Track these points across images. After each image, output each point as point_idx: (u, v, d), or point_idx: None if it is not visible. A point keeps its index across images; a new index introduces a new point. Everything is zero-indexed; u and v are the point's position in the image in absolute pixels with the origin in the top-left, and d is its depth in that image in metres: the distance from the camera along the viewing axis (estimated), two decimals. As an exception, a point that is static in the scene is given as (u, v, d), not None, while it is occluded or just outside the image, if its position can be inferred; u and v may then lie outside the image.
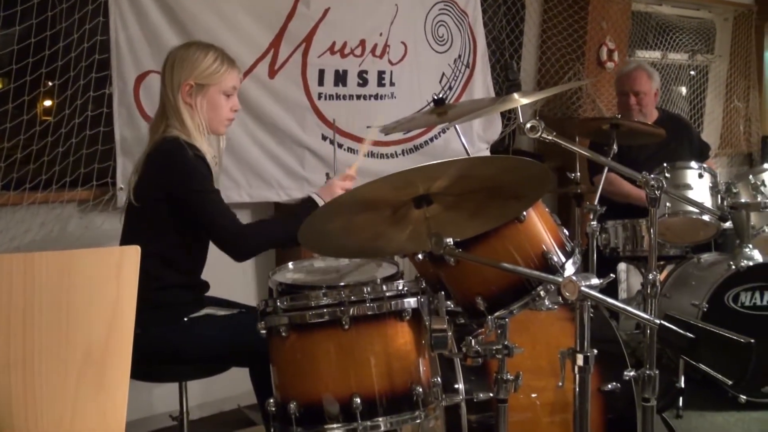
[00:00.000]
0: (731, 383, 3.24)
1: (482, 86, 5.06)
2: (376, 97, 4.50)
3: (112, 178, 3.66)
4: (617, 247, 4.22)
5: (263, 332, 2.27)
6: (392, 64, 4.54)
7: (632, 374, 2.42)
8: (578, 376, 1.83)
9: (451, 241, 1.89)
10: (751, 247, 3.94)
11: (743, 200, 3.92)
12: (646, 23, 6.40)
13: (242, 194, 4.07)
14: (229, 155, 3.98)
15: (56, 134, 3.54)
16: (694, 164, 4.01)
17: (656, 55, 6.52)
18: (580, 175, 4.09)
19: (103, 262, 1.57)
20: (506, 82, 2.28)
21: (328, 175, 3.45)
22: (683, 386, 3.65)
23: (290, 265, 3.06)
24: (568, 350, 1.87)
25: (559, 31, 5.65)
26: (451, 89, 4.90)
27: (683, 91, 6.88)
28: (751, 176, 4.04)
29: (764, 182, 4.01)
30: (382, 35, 4.46)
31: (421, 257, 2.33)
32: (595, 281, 1.73)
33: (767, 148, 7.09)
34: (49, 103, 3.70)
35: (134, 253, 1.58)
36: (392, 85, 4.55)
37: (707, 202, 3.91)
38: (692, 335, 1.48)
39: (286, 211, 4.17)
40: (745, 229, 3.95)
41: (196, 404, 3.82)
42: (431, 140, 4.81)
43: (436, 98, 2.84)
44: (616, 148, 3.72)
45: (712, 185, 3.97)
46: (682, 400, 3.78)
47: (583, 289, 1.64)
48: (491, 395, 2.30)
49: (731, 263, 3.91)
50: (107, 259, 1.57)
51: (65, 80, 3.54)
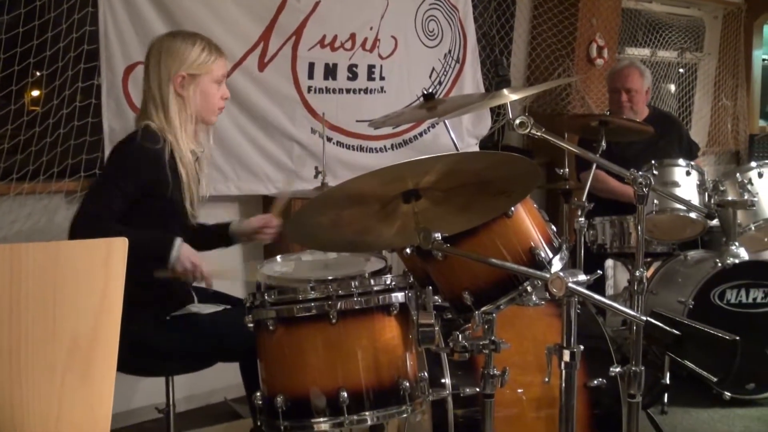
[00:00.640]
0: (716, 380, 3.25)
1: (472, 81, 5.06)
2: (365, 91, 4.50)
3: (100, 169, 3.65)
4: (605, 243, 4.23)
5: (251, 326, 2.27)
6: (382, 58, 4.54)
7: (618, 370, 2.42)
8: (564, 371, 1.83)
9: (439, 236, 1.89)
10: (737, 244, 3.96)
11: (730, 198, 3.94)
12: (635, 20, 6.42)
13: (230, 187, 4.07)
14: (217, 148, 3.96)
15: (44, 124, 3.53)
16: (681, 162, 4.03)
17: (645, 52, 6.54)
18: (568, 171, 4.10)
19: (90, 253, 1.56)
20: (496, 77, 2.28)
21: (317, 168, 3.45)
22: (668, 383, 3.67)
23: (278, 258, 3.06)
24: (554, 346, 1.87)
25: (549, 27, 5.66)
26: (440, 84, 4.90)
27: (672, 88, 6.90)
28: (738, 174, 4.06)
29: (751, 180, 4.02)
30: (372, 29, 4.46)
31: (409, 252, 2.33)
32: (582, 277, 1.73)
33: (754, 146, 7.12)
34: (36, 93, 3.68)
35: (122, 244, 1.57)
36: (382, 79, 4.56)
37: (694, 199, 3.93)
38: (678, 332, 1.49)
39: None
40: (731, 226, 3.96)
41: (182, 397, 3.82)
42: (420, 135, 4.81)
43: (425, 93, 2.85)
44: (604, 144, 3.73)
45: (699, 183, 3.98)
46: (667, 396, 3.80)
47: (570, 285, 1.65)
48: (478, 390, 2.30)
49: (717, 261, 3.92)
50: (95, 250, 1.56)
51: (53, 70, 3.52)
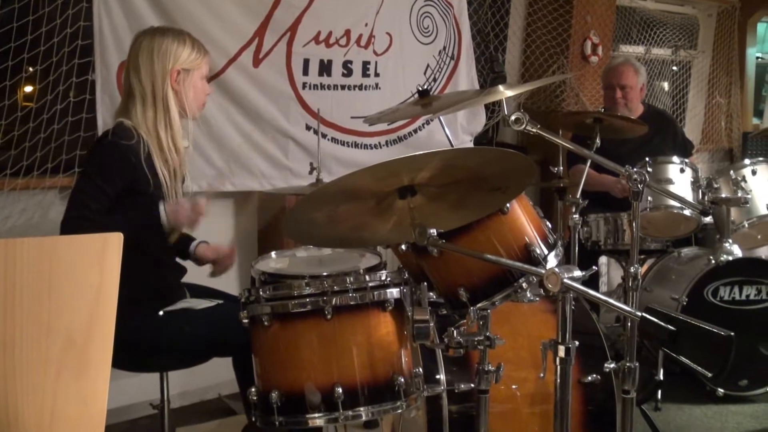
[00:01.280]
0: (711, 376, 3.27)
1: (467, 78, 5.07)
2: (360, 87, 4.50)
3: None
4: (599, 240, 4.23)
5: (245, 321, 2.27)
6: (377, 54, 4.54)
7: (612, 366, 2.43)
8: (559, 367, 1.83)
9: (434, 232, 1.89)
10: (730, 242, 3.97)
11: (724, 195, 3.95)
12: (630, 18, 6.43)
13: (225, 183, 4.06)
14: (212, 143, 3.97)
15: (38, 120, 3.52)
16: (676, 159, 4.03)
17: (639, 50, 6.54)
18: (562, 169, 4.10)
19: (85, 248, 1.55)
20: (491, 73, 2.28)
21: (311, 165, 3.44)
22: (662, 379, 3.68)
23: (273, 254, 3.06)
24: (549, 341, 1.88)
25: (543, 24, 5.66)
26: (435, 81, 4.91)
27: (666, 86, 6.91)
28: (731, 172, 4.06)
29: (745, 178, 4.03)
30: (367, 26, 4.46)
31: (404, 248, 2.33)
32: (577, 273, 1.73)
33: (748, 143, 7.13)
34: (30, 88, 3.68)
35: (117, 240, 1.56)
36: (377, 75, 4.55)
37: (688, 196, 3.93)
38: (673, 328, 1.49)
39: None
40: (725, 224, 3.97)
41: (177, 393, 3.82)
42: (415, 131, 4.81)
43: (420, 89, 2.84)
44: (599, 141, 3.73)
45: (693, 180, 3.99)
46: (661, 392, 3.81)
47: (565, 281, 1.65)
48: (472, 386, 2.31)
49: (711, 258, 3.93)
50: (90, 245, 1.56)
51: (47, 66, 3.51)
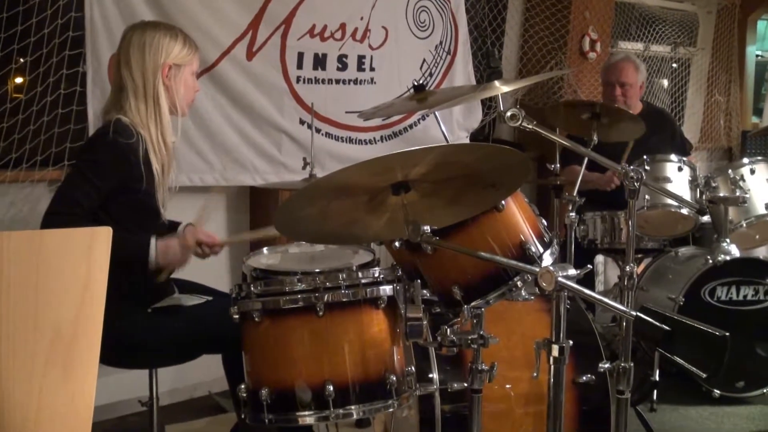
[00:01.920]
0: (706, 376, 3.27)
1: (463, 73, 5.06)
2: (355, 81, 4.49)
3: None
4: (595, 239, 4.24)
5: (236, 317, 2.27)
6: (372, 48, 4.53)
7: (607, 366, 2.43)
8: (553, 367, 1.84)
9: (428, 228, 1.89)
10: (728, 241, 3.97)
11: (722, 194, 3.95)
12: (629, 14, 6.44)
13: (217, 177, 4.06)
14: (204, 138, 3.96)
15: (27, 112, 3.51)
16: (674, 157, 4.04)
17: (638, 46, 6.55)
18: (559, 166, 4.10)
19: (73, 242, 1.55)
20: (487, 69, 2.28)
21: (305, 160, 3.44)
22: (658, 380, 3.68)
23: (265, 250, 3.06)
24: (543, 341, 1.88)
25: (542, 19, 5.66)
26: (431, 76, 4.90)
27: (665, 83, 6.91)
28: (730, 171, 4.07)
29: (743, 177, 4.04)
30: (363, 19, 4.45)
31: (397, 245, 2.33)
32: (572, 272, 1.74)
33: (747, 142, 7.15)
34: (20, 80, 3.66)
35: (106, 234, 1.56)
36: (372, 70, 4.55)
37: (686, 195, 3.94)
38: (668, 327, 1.50)
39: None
40: (723, 223, 3.98)
41: (166, 390, 3.81)
42: (410, 127, 4.81)
43: (416, 84, 2.85)
44: (596, 138, 3.73)
45: (691, 179, 4.00)
46: (656, 393, 3.81)
47: (560, 279, 1.65)
48: (465, 385, 2.30)
49: (708, 257, 3.94)
50: (78, 239, 1.55)
51: (38, 57, 3.50)
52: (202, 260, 2.78)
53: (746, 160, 4.16)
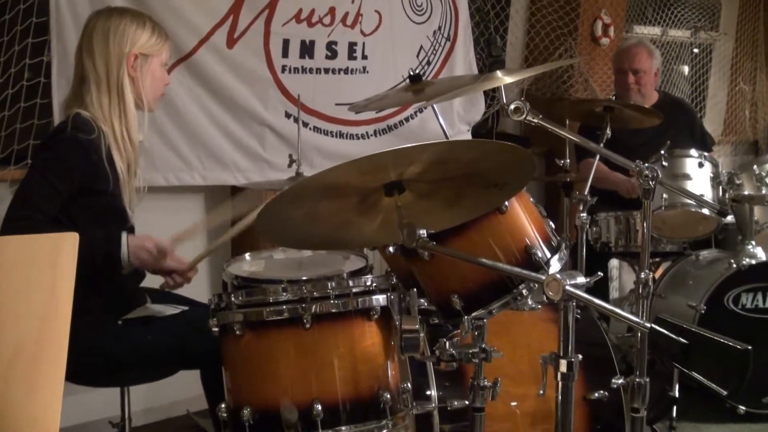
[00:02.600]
0: (726, 393, 3.28)
1: (464, 61, 5.07)
2: (346, 71, 4.50)
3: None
4: (609, 241, 4.24)
5: (215, 330, 2.27)
6: (365, 35, 4.54)
7: (621, 382, 2.44)
8: (561, 384, 1.84)
9: (425, 233, 1.89)
10: (754, 244, 3.97)
11: (747, 193, 3.96)
12: (645, -4, 6.45)
13: (195, 176, 4.06)
14: (180, 132, 3.96)
15: (-13, 105, 3.51)
16: (694, 152, 4.04)
17: (656, 31, 6.55)
18: (569, 162, 4.11)
19: (36, 249, 1.55)
20: (489, 58, 2.29)
21: (291, 157, 3.45)
22: (677, 395, 3.68)
23: (247, 256, 3.07)
24: (550, 355, 1.88)
25: (549, 2, 5.67)
26: (429, 64, 4.91)
27: (685, 70, 6.92)
28: (755, 167, 4.07)
29: (770, 173, 4.04)
30: (354, 3, 4.46)
31: (392, 250, 2.33)
32: (581, 280, 1.74)
33: (774, 135, 7.17)
34: (-22, 70, 3.66)
35: (72, 239, 1.56)
36: (364, 58, 4.55)
37: (707, 194, 3.94)
38: (685, 340, 1.50)
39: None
40: (748, 224, 3.98)
41: (140, 409, 3.81)
42: (406, 120, 4.82)
43: (412, 74, 2.85)
44: (609, 133, 3.74)
45: (713, 176, 4.00)
46: (675, 410, 3.82)
47: (567, 288, 1.65)
48: (467, 403, 2.31)
49: (732, 261, 3.94)
50: (42, 246, 1.56)
51: (-2, 45, 3.50)
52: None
53: (773, 154, 4.18)
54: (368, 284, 2.28)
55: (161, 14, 3.70)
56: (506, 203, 2.19)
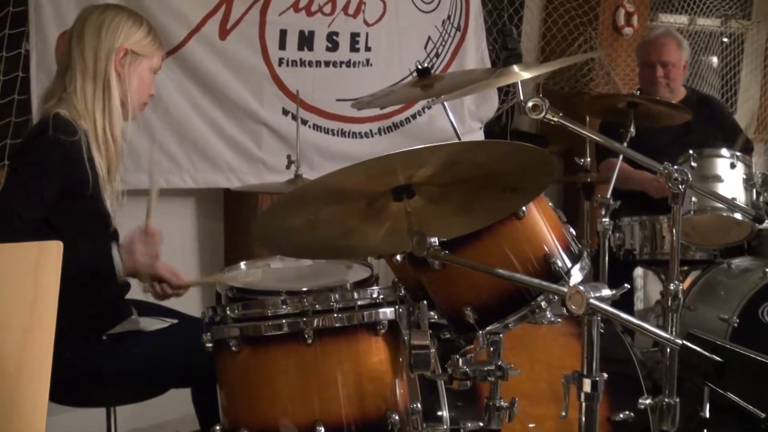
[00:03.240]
0: (764, 416, 3.27)
1: (475, 54, 5.08)
2: (348, 63, 4.50)
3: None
4: (633, 248, 4.24)
5: (209, 346, 2.28)
6: (368, 24, 4.54)
7: (648, 402, 2.43)
8: (585, 404, 1.85)
9: (436, 241, 1.90)
10: (791, 251, 3.98)
11: (783, 196, 3.95)
12: (671, -18, 6.45)
13: (185, 179, 4.06)
14: (169, 131, 3.97)
15: (-40, 102, 3.52)
16: (725, 152, 4.03)
17: (683, 20, 6.55)
18: (590, 161, 4.11)
19: (18, 258, 1.56)
20: (504, 51, 2.29)
21: (289, 157, 3.45)
22: (708, 416, 3.68)
23: (242, 265, 3.07)
24: (573, 374, 1.89)
25: (568, -11, 5.67)
26: (438, 56, 4.91)
27: (714, 61, 6.92)
28: (792, 167, 4.08)
29: (808, 174, 4.04)
30: (356, -10, 4.47)
31: (400, 259, 2.34)
32: (606, 292, 1.74)
33: (812, 133, 7.16)
34: (-49, 64, 3.67)
35: (56, 248, 1.57)
36: (368, 50, 4.56)
37: (740, 197, 3.93)
38: (719, 358, 1.51)
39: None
40: (785, 230, 3.98)
41: (127, 430, 3.81)
42: (413, 117, 4.82)
43: (420, 67, 2.86)
44: (633, 131, 3.74)
45: (746, 177, 3.99)
46: (706, 432, 3.82)
47: (592, 301, 1.66)
48: (481, 425, 2.32)
49: (767, 270, 3.94)
50: (23, 255, 1.57)
51: (-28, 37, 3.51)
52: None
53: (811, 154, 4.17)
54: (374, 296, 2.29)
55: (150, 4, 3.72)
56: (523, 208, 2.19)
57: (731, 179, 3.98)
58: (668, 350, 2.32)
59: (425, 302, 2.21)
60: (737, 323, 3.84)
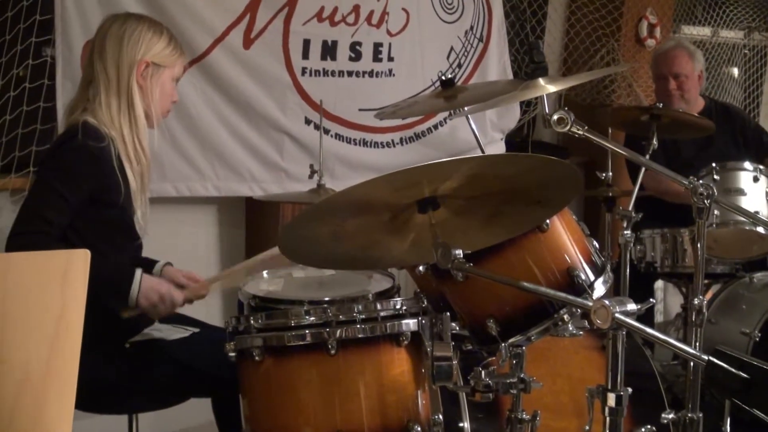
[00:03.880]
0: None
1: (498, 64, 5.08)
2: (370, 74, 4.51)
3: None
4: (654, 261, 4.22)
5: (232, 355, 2.28)
6: (391, 35, 4.55)
7: (671, 417, 2.42)
8: (609, 419, 1.84)
9: (460, 252, 1.89)
10: (815, 266, 3.95)
11: (808, 209, 3.93)
12: (694, -7, 6.43)
13: (208, 187, 4.07)
14: (192, 139, 3.98)
15: (-13, 110, 3.54)
16: (748, 165, 4.01)
17: (706, 31, 6.53)
18: (612, 175, 4.10)
19: (46, 267, 1.57)
20: (531, 64, 2.29)
21: (312, 167, 3.46)
22: (729, 430, 3.66)
23: (264, 273, 3.07)
24: (597, 388, 1.88)
25: (591, 0, 5.65)
26: (460, 67, 4.92)
27: (735, 72, 6.88)
28: (817, 181, 4.04)
29: (833, 188, 4.01)
30: (380, 0, 4.46)
31: (422, 269, 2.34)
32: (631, 306, 1.73)
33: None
34: (-23, 72, 3.70)
35: (83, 257, 1.58)
36: (390, 60, 4.57)
37: (763, 211, 3.91)
38: (746, 375, 1.50)
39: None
40: (808, 244, 3.96)
41: (147, 437, 3.83)
42: (435, 128, 4.82)
43: (443, 78, 2.86)
44: (656, 143, 3.73)
45: (770, 190, 3.98)
46: (728, 447, 3.79)
47: (617, 316, 1.65)
48: (502, 437, 2.31)
49: (790, 285, 3.92)
50: (51, 264, 1.57)
51: (-1, 45, 3.54)
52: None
53: (836, 167, 4.13)
54: (397, 307, 2.29)
55: (174, 13, 3.74)
56: (547, 221, 2.19)
57: (754, 192, 3.96)
58: (691, 365, 2.31)
59: (448, 314, 2.21)
60: (759, 337, 3.82)
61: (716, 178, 3.92)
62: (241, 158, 4.15)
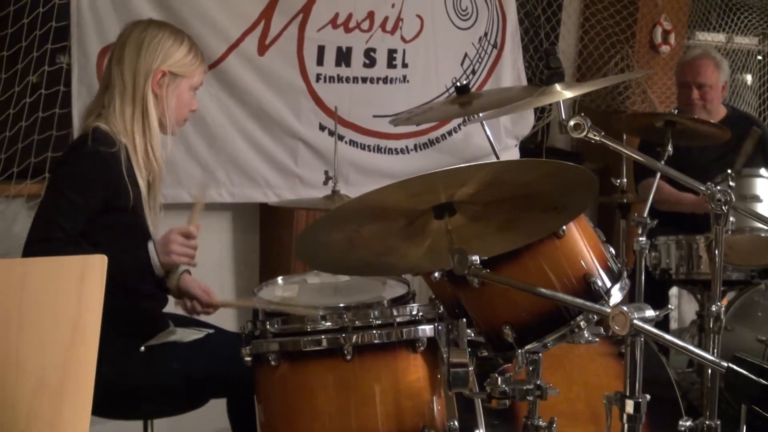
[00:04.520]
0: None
1: (512, 71, 5.06)
2: (385, 80, 4.50)
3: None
4: (669, 268, 4.20)
5: (248, 360, 2.28)
6: (405, 41, 4.54)
7: (689, 424, 2.41)
8: (627, 426, 1.83)
9: (477, 258, 1.89)
10: (831, 273, 3.94)
11: (823, 217, 3.91)
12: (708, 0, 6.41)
13: (222, 193, 4.07)
14: (206, 144, 3.99)
15: (3, 116, 3.54)
16: (764, 172, 4.00)
17: (720, 37, 6.51)
18: (626, 181, 4.09)
19: (62, 273, 1.57)
20: (546, 70, 2.28)
21: (326, 173, 3.46)
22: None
23: (279, 280, 3.07)
24: (615, 395, 1.87)
25: (605, 6, 5.64)
26: (474, 73, 4.91)
27: (748, 79, 6.86)
28: (833, 188, 4.03)
29: None
30: (394, 6, 4.46)
31: (437, 275, 2.33)
32: (649, 313, 1.72)
33: None
34: (-6, 78, 3.70)
35: (100, 262, 1.58)
36: (405, 66, 4.56)
37: (779, 217, 3.90)
38: (766, 382, 1.49)
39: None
40: (824, 251, 3.94)
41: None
42: (449, 134, 4.81)
43: (458, 85, 2.86)
44: (671, 149, 3.71)
45: (786, 197, 3.96)
46: (745, 455, 3.77)
47: (636, 322, 1.64)
48: (518, 444, 2.31)
49: (806, 292, 3.90)
50: (68, 269, 1.57)
51: (15, 51, 3.54)
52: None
53: None
54: (413, 313, 2.28)
55: (188, 19, 3.74)
56: (564, 227, 2.18)
57: (770, 199, 3.95)
58: (709, 372, 2.30)
59: (464, 320, 2.20)
60: (775, 344, 3.81)
61: (732, 184, 3.90)
62: (255, 164, 4.14)
